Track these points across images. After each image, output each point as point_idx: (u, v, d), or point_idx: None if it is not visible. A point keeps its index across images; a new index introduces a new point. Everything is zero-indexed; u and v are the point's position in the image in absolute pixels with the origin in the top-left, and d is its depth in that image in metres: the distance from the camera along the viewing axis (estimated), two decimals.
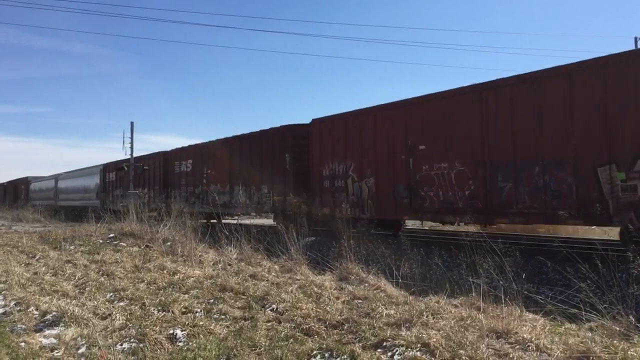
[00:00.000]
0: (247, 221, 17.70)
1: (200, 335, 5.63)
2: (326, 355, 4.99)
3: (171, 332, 5.72)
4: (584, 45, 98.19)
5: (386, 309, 6.24)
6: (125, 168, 29.19)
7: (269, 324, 6.06)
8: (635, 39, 27.83)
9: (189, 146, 23.76)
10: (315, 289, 7.48)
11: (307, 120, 17.32)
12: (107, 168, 32.94)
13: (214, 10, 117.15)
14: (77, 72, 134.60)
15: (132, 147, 29.70)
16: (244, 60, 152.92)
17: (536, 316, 5.92)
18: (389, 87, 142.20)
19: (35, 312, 6.67)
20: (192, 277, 8.59)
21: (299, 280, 8.22)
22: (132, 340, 5.52)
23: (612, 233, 11.05)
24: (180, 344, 5.46)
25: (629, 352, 4.59)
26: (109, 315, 6.47)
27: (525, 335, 5.00)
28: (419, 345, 4.95)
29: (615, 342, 4.85)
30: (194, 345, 5.36)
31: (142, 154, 31.89)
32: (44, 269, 9.77)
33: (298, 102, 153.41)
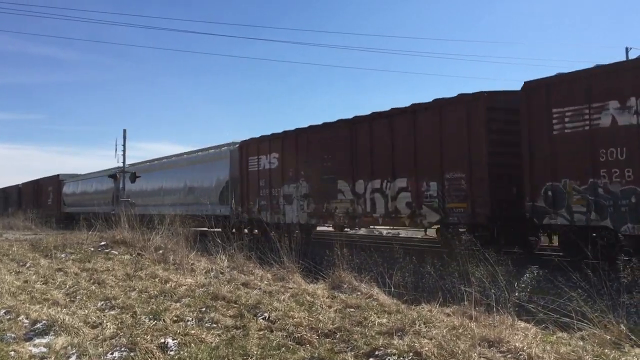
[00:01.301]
0: None
1: (192, 344, 5.60)
2: None
3: (162, 341, 5.68)
4: (579, 54, 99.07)
5: (378, 317, 6.24)
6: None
7: (261, 332, 6.03)
8: (627, 49, 28.10)
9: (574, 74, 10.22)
10: (308, 298, 7.47)
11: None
12: (246, 149, 18.72)
13: (209, 18, 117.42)
14: (72, 79, 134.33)
15: (124, 155, 29.54)
16: (238, 68, 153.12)
17: (528, 325, 5.94)
18: (384, 95, 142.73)
19: (26, 321, 6.61)
20: (184, 285, 8.55)
21: (291, 288, 8.20)
22: (123, 349, 5.48)
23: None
24: (172, 352, 5.42)
25: None
26: (100, 324, 6.42)
27: (517, 344, 5.01)
28: (411, 354, 4.94)
29: (606, 350, 4.87)
30: (186, 354, 5.32)
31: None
32: (34, 277, 9.69)
33: (293, 109, 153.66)
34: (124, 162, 29.21)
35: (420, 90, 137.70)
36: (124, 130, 29.95)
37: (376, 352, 5.13)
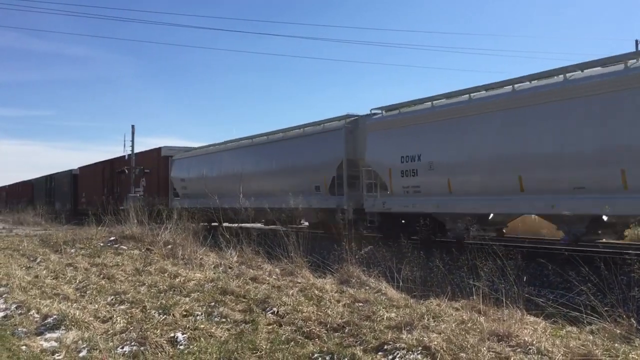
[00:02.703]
0: None
1: (201, 339, 5.63)
2: (327, 358, 4.99)
3: (172, 335, 5.71)
4: (583, 48, 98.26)
5: (387, 312, 6.24)
6: None
7: (269, 327, 6.05)
8: (637, 41, 27.83)
9: None
10: (316, 292, 7.48)
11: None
12: None
13: (213, 13, 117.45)
14: (77, 75, 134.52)
15: (132, 150, 29.69)
16: (242, 62, 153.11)
17: (537, 319, 5.92)
18: (389, 88, 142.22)
19: (36, 316, 6.67)
20: (193, 280, 8.59)
21: (300, 283, 8.21)
22: (133, 343, 5.52)
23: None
24: (181, 347, 5.46)
25: (630, 355, 4.58)
26: (110, 318, 6.47)
27: (526, 339, 4.99)
28: (419, 348, 4.94)
29: (616, 345, 4.84)
30: (195, 348, 5.36)
31: None
32: (44, 272, 9.77)
33: (297, 103, 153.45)
34: (132, 157, 29.29)
35: (421, 83, 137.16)
36: (132, 126, 30.04)
37: (385, 347, 5.13)
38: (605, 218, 10.07)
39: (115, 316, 6.50)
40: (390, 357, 4.93)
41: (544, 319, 5.93)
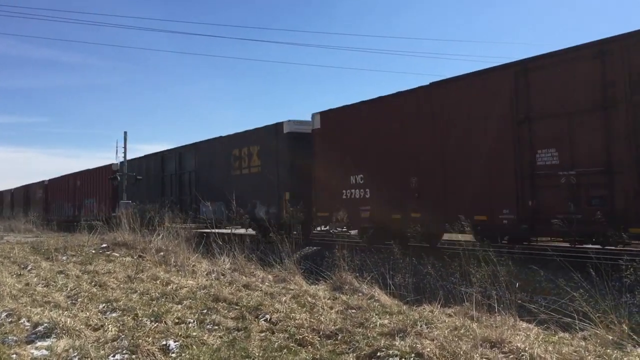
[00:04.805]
0: None
1: (193, 346, 5.59)
2: None
3: (164, 343, 5.68)
4: None
5: (380, 318, 6.23)
6: None
7: (262, 334, 6.03)
8: None
9: None
10: (309, 299, 7.46)
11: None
12: None
13: (209, 20, 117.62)
14: (72, 82, 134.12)
15: (125, 157, 29.54)
16: (236, 68, 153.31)
17: (530, 325, 5.93)
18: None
19: (27, 324, 6.61)
20: (185, 287, 8.55)
21: (292, 290, 8.19)
22: (124, 351, 5.48)
23: None
24: (173, 355, 5.42)
25: None
26: (102, 326, 6.42)
27: (519, 345, 5.00)
28: (412, 355, 4.94)
29: (608, 351, 4.86)
30: (187, 356, 5.32)
31: None
32: (35, 279, 9.69)
33: (293, 107, 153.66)
34: (125, 164, 29.14)
35: None
36: (125, 133, 29.88)
37: (378, 354, 5.12)
38: None
39: (106, 324, 6.44)
40: None
41: (537, 325, 5.94)
